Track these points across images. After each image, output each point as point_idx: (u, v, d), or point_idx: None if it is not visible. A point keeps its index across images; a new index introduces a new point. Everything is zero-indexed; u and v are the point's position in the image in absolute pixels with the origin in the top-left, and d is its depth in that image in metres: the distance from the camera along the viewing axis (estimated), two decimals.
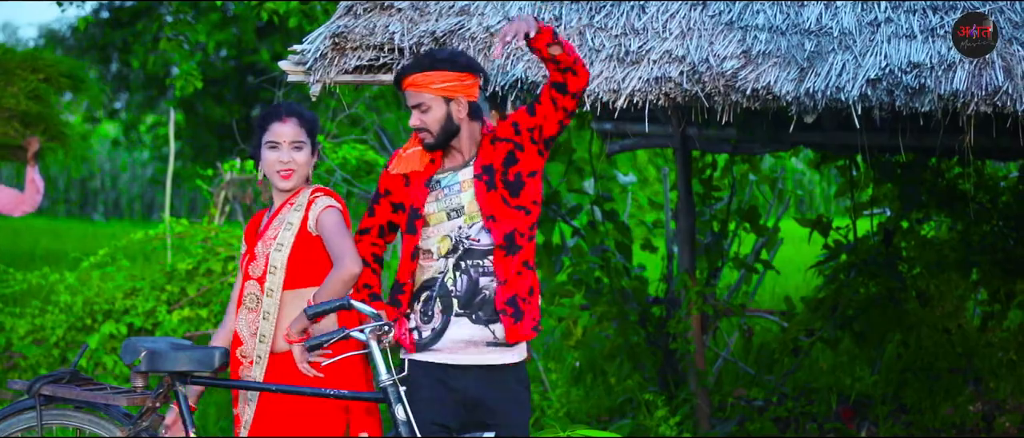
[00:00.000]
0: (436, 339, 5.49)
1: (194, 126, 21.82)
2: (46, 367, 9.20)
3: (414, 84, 5.48)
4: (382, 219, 5.65)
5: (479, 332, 5.48)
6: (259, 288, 5.53)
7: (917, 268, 9.59)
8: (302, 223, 5.53)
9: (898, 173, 9.45)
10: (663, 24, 6.68)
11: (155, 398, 5.56)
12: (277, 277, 5.51)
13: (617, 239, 9.89)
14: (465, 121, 5.52)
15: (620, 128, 9.58)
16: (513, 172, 5.49)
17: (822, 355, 10.60)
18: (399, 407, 5.28)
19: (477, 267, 5.47)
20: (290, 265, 5.50)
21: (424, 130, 5.50)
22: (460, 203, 5.49)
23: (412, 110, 5.51)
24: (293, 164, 5.58)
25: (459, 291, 5.47)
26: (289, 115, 5.61)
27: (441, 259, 5.49)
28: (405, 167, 5.58)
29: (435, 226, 5.51)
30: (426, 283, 5.53)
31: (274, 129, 5.58)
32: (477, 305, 5.47)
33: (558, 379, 9.44)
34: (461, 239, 5.46)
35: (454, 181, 5.53)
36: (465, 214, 5.48)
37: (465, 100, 5.49)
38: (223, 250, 9.70)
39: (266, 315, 5.52)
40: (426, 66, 5.48)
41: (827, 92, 6.18)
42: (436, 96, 5.47)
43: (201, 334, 9.31)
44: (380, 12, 6.90)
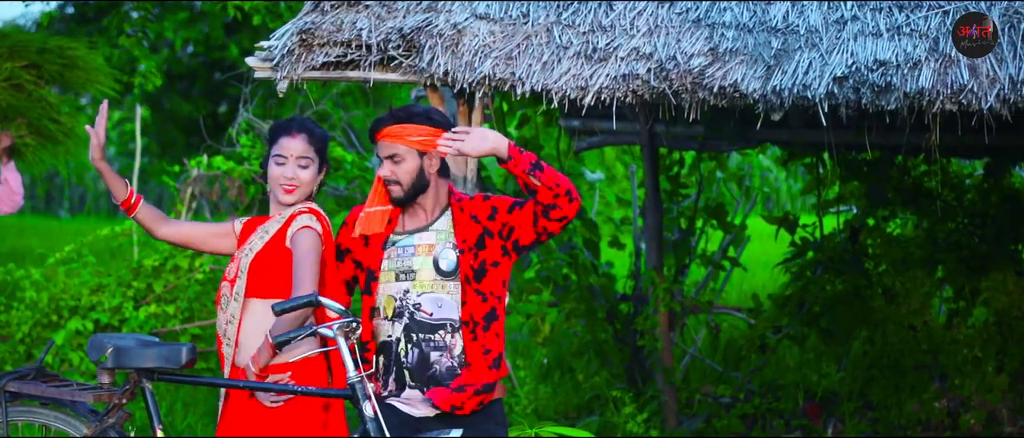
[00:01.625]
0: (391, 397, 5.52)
1: (160, 122, 21.73)
2: (12, 363, 9.16)
3: (389, 135, 5.47)
4: (346, 275, 5.67)
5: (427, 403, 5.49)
6: (230, 290, 5.53)
7: (883, 265, 9.63)
8: (277, 233, 5.52)
9: (864, 171, 9.49)
10: (630, 21, 6.69)
11: (121, 395, 5.54)
12: (242, 282, 5.50)
13: (585, 236, 9.90)
14: (434, 177, 5.52)
15: (588, 125, 9.59)
16: (480, 257, 5.48)
17: (789, 352, 10.64)
18: (366, 404, 5.28)
19: (428, 341, 5.48)
20: (252, 271, 5.48)
21: (395, 182, 5.48)
22: (411, 266, 5.49)
23: (384, 161, 5.50)
24: (297, 181, 5.55)
25: (411, 364, 5.49)
26: (300, 131, 5.58)
27: (387, 321, 5.50)
28: (366, 228, 5.56)
29: (384, 284, 5.52)
30: (380, 346, 5.54)
31: (282, 143, 5.56)
32: (428, 379, 5.48)
33: (526, 376, 9.46)
34: (407, 307, 5.47)
35: (410, 243, 5.52)
36: (416, 281, 5.49)
37: (438, 156, 5.49)
38: None
39: (231, 319, 5.51)
40: (403, 118, 5.47)
41: (794, 90, 6.20)
42: (410, 148, 5.46)
43: (168, 330, 9.28)
44: (348, 9, 6.89)
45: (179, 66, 21.06)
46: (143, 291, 9.59)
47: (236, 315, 5.49)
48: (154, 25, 14.54)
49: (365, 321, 5.54)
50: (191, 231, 5.81)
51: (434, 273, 5.48)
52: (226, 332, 5.52)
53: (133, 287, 9.58)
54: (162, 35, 18.93)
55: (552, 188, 5.33)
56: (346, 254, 5.65)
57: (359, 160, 11.11)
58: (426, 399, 5.47)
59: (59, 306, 9.47)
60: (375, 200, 5.58)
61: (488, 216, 5.49)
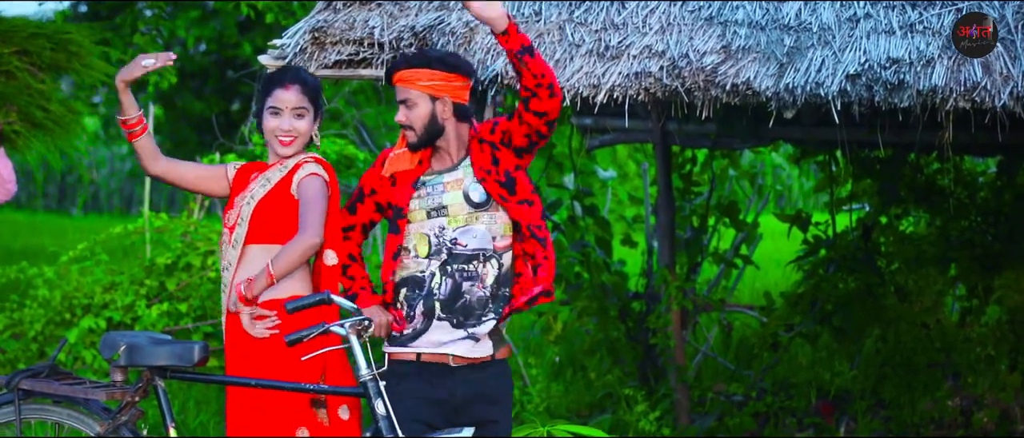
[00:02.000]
0: (414, 337, 5.51)
1: (173, 120, 21.77)
2: (25, 361, 9.17)
3: (402, 79, 5.48)
4: (364, 218, 5.66)
5: (457, 334, 5.51)
6: (229, 237, 5.55)
7: (896, 263, 9.61)
8: (281, 182, 5.53)
9: (877, 168, 9.47)
10: (643, 19, 6.68)
11: (134, 393, 5.55)
12: (242, 229, 5.51)
13: (597, 234, 9.90)
14: (450, 121, 5.52)
15: (600, 123, 9.58)
16: (502, 171, 5.50)
17: (801, 350, 10.62)
18: (379, 402, 5.28)
19: (461, 271, 5.48)
20: (254, 219, 5.50)
21: (408, 127, 5.50)
22: (441, 202, 5.50)
23: (399, 105, 5.51)
24: (294, 131, 5.57)
25: (442, 295, 5.49)
26: (293, 81, 5.59)
27: (421, 259, 5.50)
28: (395, 167, 5.57)
29: (416, 223, 5.52)
30: (406, 280, 5.53)
31: (277, 95, 5.57)
32: (458, 309, 5.49)
33: (538, 374, 9.45)
34: (445, 242, 5.47)
35: (438, 181, 5.53)
36: (448, 215, 5.49)
37: (450, 100, 5.49)
38: (202, 244, 9.68)
39: (228, 266, 5.54)
40: (416, 63, 5.48)
41: (806, 87, 6.20)
42: (422, 93, 5.47)
43: (180, 328, 9.29)
44: (360, 7, 6.90)
45: (192, 64, 21.08)
46: (156, 289, 9.60)
47: (233, 262, 5.51)
48: (167, 23, 14.54)
49: (388, 261, 5.54)
50: (184, 171, 5.81)
51: (466, 206, 5.50)
52: (224, 280, 5.54)
53: (146, 285, 9.59)
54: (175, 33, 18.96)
55: (536, 75, 5.34)
56: (369, 196, 5.64)
57: (371, 158, 11.10)
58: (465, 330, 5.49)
59: (72, 304, 9.48)
60: (402, 141, 5.58)
61: (490, 130, 5.53)
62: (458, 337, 5.49)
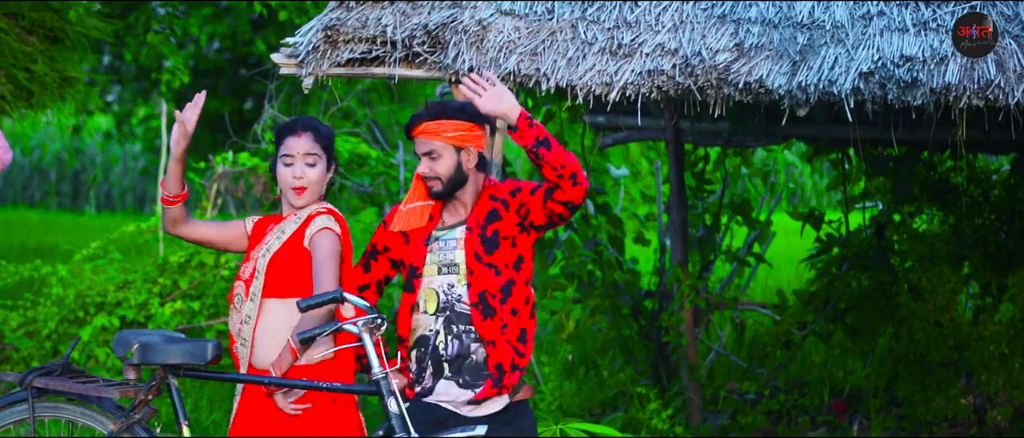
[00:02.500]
0: (425, 395, 5.55)
1: None
2: (38, 359, 9.19)
3: (426, 131, 5.49)
4: (379, 275, 5.70)
5: (465, 395, 5.52)
6: (245, 290, 5.54)
7: (909, 261, 9.60)
8: (295, 234, 5.52)
9: (890, 166, 9.46)
10: (656, 17, 6.67)
11: (147, 391, 5.56)
12: (259, 282, 5.50)
13: (610, 232, 9.90)
14: (472, 172, 5.54)
15: (612, 121, 9.58)
16: (491, 229, 5.50)
17: (814, 348, 10.61)
18: (391, 400, 5.28)
19: (467, 332, 5.49)
20: (270, 272, 5.48)
21: (433, 178, 5.51)
22: (453, 260, 5.52)
23: (421, 158, 5.52)
24: (305, 180, 5.55)
25: (449, 355, 5.50)
26: (304, 130, 5.58)
27: (428, 315, 5.51)
28: (406, 224, 5.58)
29: (427, 278, 5.53)
30: (417, 341, 5.55)
31: (288, 143, 5.56)
32: (465, 369, 5.51)
33: (551, 372, 9.45)
34: (451, 299, 5.48)
35: (451, 237, 5.55)
36: (459, 273, 5.51)
37: (475, 150, 5.51)
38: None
39: (247, 319, 5.52)
40: (439, 114, 5.49)
41: (820, 85, 6.19)
42: (447, 144, 5.49)
43: (193, 327, 9.31)
44: (372, 5, 6.90)
45: (205, 62, 21.10)
46: (169, 287, 9.61)
47: (252, 315, 5.50)
48: (181, 22, 14.57)
49: (404, 318, 5.55)
50: (207, 232, 5.80)
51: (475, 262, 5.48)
52: (240, 332, 5.53)
53: (159, 283, 9.60)
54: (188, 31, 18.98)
55: (556, 168, 5.34)
56: (381, 254, 5.66)
57: (384, 156, 11.11)
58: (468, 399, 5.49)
59: (85, 302, 9.50)
60: (414, 196, 5.59)
61: (511, 192, 5.53)
62: (467, 399, 5.51)
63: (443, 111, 5.51)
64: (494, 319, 5.47)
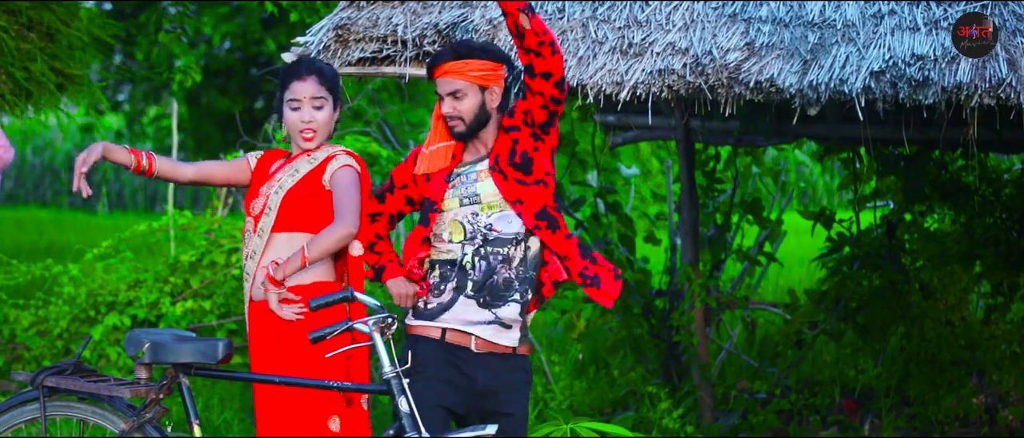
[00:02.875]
0: (440, 312, 5.54)
1: (197, 118, 21.82)
2: (50, 359, 9.20)
3: (450, 71, 5.49)
4: (393, 209, 5.71)
5: (483, 314, 5.53)
6: (254, 226, 5.55)
7: (920, 261, 9.59)
8: (312, 172, 5.54)
9: (901, 165, 9.45)
10: (666, 16, 6.67)
11: (158, 390, 5.57)
12: (269, 218, 5.53)
13: (620, 231, 9.89)
14: (495, 112, 5.55)
15: (623, 120, 9.57)
16: (519, 152, 5.51)
17: (825, 348, 10.60)
18: (402, 399, 5.28)
19: (496, 255, 5.51)
20: (283, 207, 5.52)
21: (456, 118, 5.52)
22: (474, 191, 5.52)
23: (445, 98, 5.52)
24: (314, 123, 5.57)
25: (476, 275, 5.50)
26: (309, 72, 5.59)
27: (454, 244, 5.52)
28: (431, 166, 5.59)
29: (449, 211, 5.54)
30: (441, 262, 5.57)
31: (294, 87, 5.58)
32: (488, 289, 5.51)
33: (561, 371, 9.45)
34: (479, 228, 5.49)
35: (471, 170, 5.56)
36: (482, 203, 5.52)
37: (498, 89, 5.52)
38: (227, 242, 9.70)
39: (252, 254, 5.54)
40: (463, 54, 5.49)
41: (830, 84, 6.18)
42: (472, 83, 5.49)
43: (204, 326, 9.31)
44: (383, 4, 6.91)
45: (216, 61, 21.14)
46: (180, 287, 9.62)
47: (258, 250, 5.52)
48: (192, 21, 14.57)
49: (412, 245, 5.57)
50: (212, 170, 5.81)
51: (497, 192, 5.51)
52: (246, 268, 5.56)
53: (170, 283, 9.61)
54: (200, 30, 18.99)
55: (537, 33, 5.33)
56: (400, 189, 5.67)
57: (395, 156, 11.11)
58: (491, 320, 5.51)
59: (97, 301, 9.51)
60: (436, 138, 5.59)
61: (510, 115, 5.56)
62: (484, 320, 5.51)
63: (469, 50, 5.51)
64: (560, 231, 5.52)
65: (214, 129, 21.59)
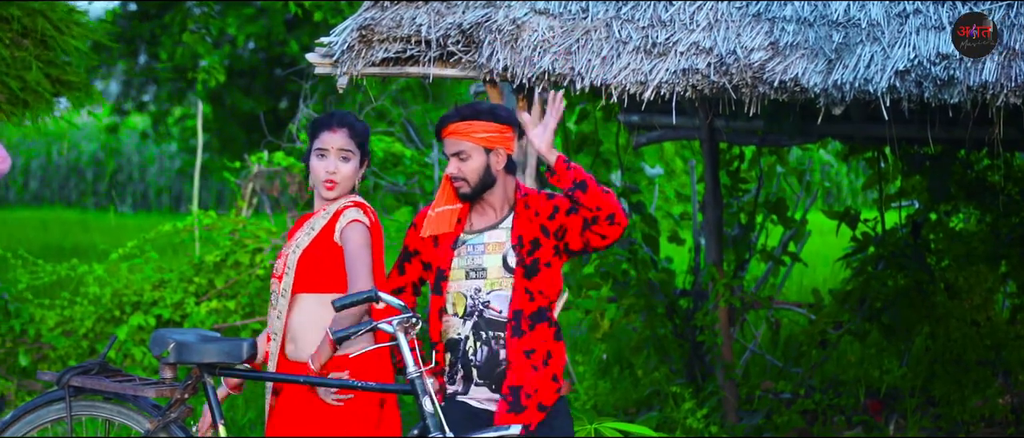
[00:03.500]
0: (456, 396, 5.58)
1: (222, 118, 21.88)
2: (75, 358, 9.24)
3: (456, 132, 5.50)
4: (413, 277, 5.72)
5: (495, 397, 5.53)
6: (278, 286, 5.57)
7: (946, 260, 9.56)
8: (324, 229, 5.53)
9: (927, 165, 9.42)
10: (690, 16, 6.66)
11: (183, 390, 5.58)
12: (289, 278, 5.53)
13: (644, 231, 9.88)
14: (501, 174, 5.55)
15: (647, 120, 9.56)
16: (533, 257, 5.51)
17: (850, 348, 10.57)
18: (426, 399, 5.28)
19: (497, 339, 5.51)
20: (300, 268, 5.50)
21: (461, 179, 5.52)
22: (481, 265, 5.53)
23: (450, 159, 5.53)
24: (338, 175, 5.56)
25: (479, 361, 5.52)
26: (341, 125, 5.58)
27: (457, 318, 5.52)
28: (435, 229, 5.59)
29: (454, 282, 5.55)
30: (448, 343, 5.57)
31: (323, 137, 5.58)
32: (496, 376, 5.52)
33: (585, 371, 9.44)
34: (478, 305, 5.49)
35: (479, 241, 5.56)
36: (487, 279, 5.52)
37: (504, 152, 5.52)
38: (251, 242, 9.73)
39: (279, 315, 5.54)
40: (468, 116, 5.51)
41: (855, 84, 6.16)
42: (477, 145, 5.50)
43: (229, 326, 9.33)
44: (407, 4, 6.91)
45: (240, 62, 21.18)
46: (204, 287, 9.64)
47: (284, 311, 5.52)
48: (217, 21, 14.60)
49: (434, 321, 5.57)
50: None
51: (503, 270, 5.51)
52: (275, 328, 5.56)
53: (194, 283, 9.63)
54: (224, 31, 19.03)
55: (592, 210, 5.38)
56: (413, 256, 5.69)
57: (418, 156, 11.13)
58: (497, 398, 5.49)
59: (122, 301, 9.54)
60: (443, 200, 5.61)
61: (549, 215, 5.53)
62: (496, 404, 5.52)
63: (474, 113, 5.52)
64: (521, 340, 5.47)
65: (238, 129, 21.65)
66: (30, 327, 9.42)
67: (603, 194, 5.39)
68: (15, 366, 9.30)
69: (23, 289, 9.81)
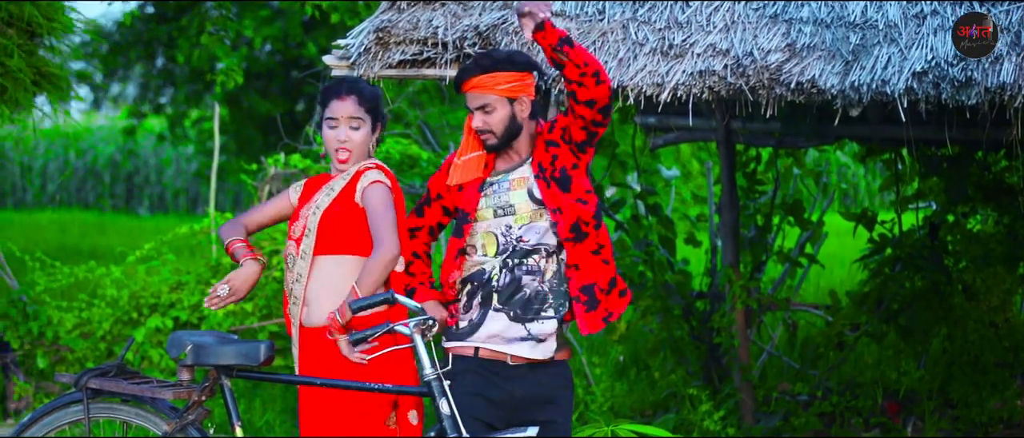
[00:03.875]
0: (472, 331, 5.52)
1: (239, 121, 21.90)
2: (93, 361, 9.26)
3: (478, 86, 5.47)
4: (432, 221, 5.69)
5: (514, 328, 5.50)
6: (296, 249, 5.56)
7: (963, 262, 9.54)
8: (344, 190, 5.53)
9: (944, 166, 9.40)
10: (707, 17, 6.66)
11: (201, 392, 5.59)
12: (310, 240, 5.52)
13: (661, 233, 9.87)
14: (526, 121, 5.53)
15: (663, 122, 9.55)
16: (558, 167, 5.49)
17: (867, 350, 10.55)
18: (443, 401, 5.29)
19: (521, 265, 5.48)
20: (321, 229, 5.50)
21: (487, 131, 5.50)
22: (508, 201, 5.50)
23: (475, 112, 5.50)
24: (350, 143, 5.57)
25: (500, 286, 5.48)
26: (349, 92, 5.58)
27: (488, 257, 5.50)
28: (463, 177, 5.57)
29: (483, 222, 5.52)
30: (469, 276, 5.54)
31: (333, 106, 5.58)
32: (516, 302, 5.48)
33: (602, 373, 9.44)
34: (511, 240, 5.48)
35: (504, 180, 5.54)
36: (515, 213, 5.50)
37: (528, 99, 5.50)
38: (267, 244, 9.74)
39: (298, 277, 5.54)
40: (488, 67, 5.47)
41: (872, 85, 6.15)
42: (500, 97, 5.47)
43: (246, 328, 9.35)
44: (424, 6, 6.91)
45: (257, 64, 21.20)
46: None
47: (304, 273, 5.52)
48: (234, 24, 14.61)
49: (449, 261, 5.55)
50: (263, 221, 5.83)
51: (531, 203, 5.50)
52: (293, 291, 5.56)
53: (212, 284, 9.65)
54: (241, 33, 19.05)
55: (579, 65, 5.33)
56: (435, 201, 5.67)
57: (435, 158, 11.14)
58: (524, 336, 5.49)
59: (139, 303, 9.56)
60: (468, 148, 5.58)
61: (550, 129, 5.54)
62: (517, 336, 5.49)
63: (494, 63, 5.48)
64: (585, 242, 5.47)
65: (255, 132, 21.67)
66: (48, 329, 9.45)
67: (589, 54, 5.37)
68: (33, 368, 9.33)
69: (41, 291, 9.83)
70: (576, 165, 5.51)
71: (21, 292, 9.50)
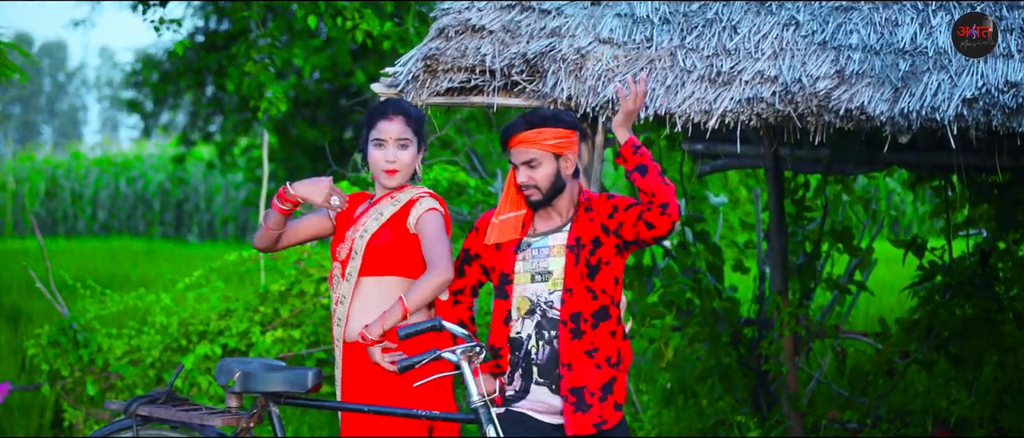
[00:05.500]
0: (518, 399, 5.55)
1: (287, 148, 22.01)
2: (142, 387, 9.30)
3: (525, 141, 5.49)
4: (472, 280, 5.72)
5: (558, 401, 5.51)
6: (341, 271, 5.59)
7: (1014, 289, 9.46)
8: (396, 216, 5.57)
9: (995, 193, 9.33)
10: (755, 44, 6.65)
11: (249, 418, 5.61)
12: (356, 262, 5.56)
13: (708, 260, 9.85)
14: (569, 179, 5.55)
15: (711, 149, 9.53)
16: (595, 257, 5.50)
17: (917, 377, 10.48)
18: (490, 428, 5.28)
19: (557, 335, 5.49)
20: (368, 252, 5.54)
21: (532, 187, 5.51)
22: (547, 268, 5.52)
23: (520, 168, 5.51)
24: (398, 163, 5.61)
25: (540, 360, 5.50)
26: (396, 113, 5.63)
27: (521, 319, 5.51)
28: (500, 236, 5.58)
29: (519, 286, 5.54)
30: (510, 343, 5.57)
31: (380, 127, 5.62)
32: (556, 377, 5.49)
33: (649, 400, 9.41)
34: (540, 304, 5.48)
35: (544, 244, 5.55)
36: (551, 279, 5.51)
37: (573, 156, 5.53)
38: (316, 271, 9.76)
39: (342, 299, 5.58)
40: (536, 123, 5.50)
41: (922, 112, 6.12)
42: (547, 152, 5.49)
43: (294, 355, 9.37)
44: (471, 35, 6.93)
45: (305, 92, 21.31)
46: (270, 316, 9.69)
47: (348, 295, 5.56)
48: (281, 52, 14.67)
49: (499, 325, 5.55)
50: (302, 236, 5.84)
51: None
52: (337, 312, 5.59)
53: (260, 312, 9.68)
54: (290, 62, 19.15)
55: (647, 194, 5.35)
56: (474, 259, 5.68)
57: (482, 185, 11.15)
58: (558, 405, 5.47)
59: (188, 331, 9.60)
60: (507, 206, 5.59)
61: (608, 214, 5.52)
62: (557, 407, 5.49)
63: (541, 120, 5.51)
64: (581, 340, 5.46)
65: (304, 159, 21.77)
66: (98, 356, 9.49)
67: (661, 183, 5.36)
68: (83, 395, 9.38)
69: (91, 318, 9.89)
70: (608, 262, 5.51)
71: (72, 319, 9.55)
